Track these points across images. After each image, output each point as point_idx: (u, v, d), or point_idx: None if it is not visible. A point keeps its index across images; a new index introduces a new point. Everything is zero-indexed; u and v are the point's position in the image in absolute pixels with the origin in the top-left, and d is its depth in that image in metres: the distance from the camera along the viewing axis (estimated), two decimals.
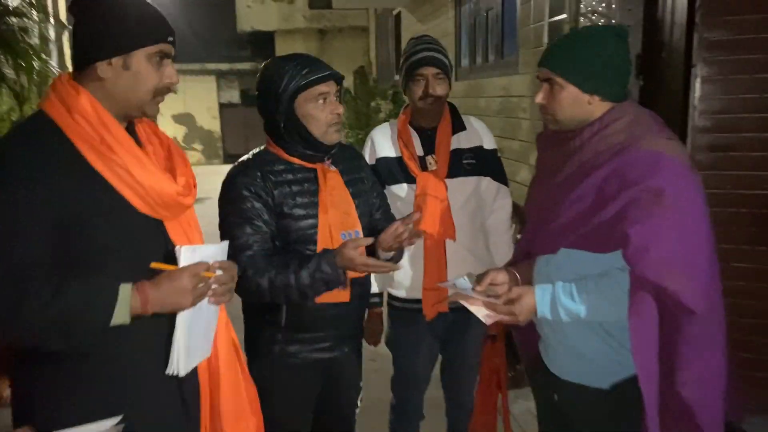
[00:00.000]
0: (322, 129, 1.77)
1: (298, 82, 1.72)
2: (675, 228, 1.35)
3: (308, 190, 1.79)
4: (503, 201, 2.30)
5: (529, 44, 4.19)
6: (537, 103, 1.58)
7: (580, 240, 1.48)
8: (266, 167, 1.78)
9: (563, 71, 1.50)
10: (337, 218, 1.80)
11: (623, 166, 1.42)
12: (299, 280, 1.69)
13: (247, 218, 1.72)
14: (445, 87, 2.16)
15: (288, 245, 1.78)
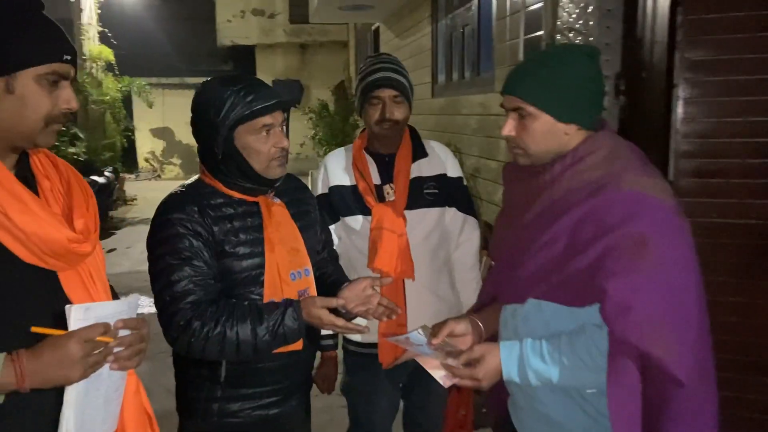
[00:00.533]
0: (263, 163, 1.56)
1: (240, 112, 1.51)
2: (660, 283, 1.17)
3: (251, 226, 1.59)
4: (470, 234, 2.10)
5: (505, 61, 4.03)
6: (505, 136, 1.38)
7: (550, 290, 1.29)
8: (203, 201, 1.57)
9: (535, 99, 1.31)
10: (285, 256, 1.60)
11: (600, 208, 1.23)
12: (257, 335, 1.48)
13: (186, 258, 1.50)
14: (403, 111, 1.97)
15: (230, 290, 1.57)
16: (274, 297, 1.56)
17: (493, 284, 1.51)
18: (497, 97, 4.44)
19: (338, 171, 2.04)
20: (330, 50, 14.05)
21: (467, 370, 1.32)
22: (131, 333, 1.17)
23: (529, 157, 1.37)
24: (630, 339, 1.15)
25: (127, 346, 1.16)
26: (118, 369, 1.17)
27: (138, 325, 1.19)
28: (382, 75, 1.94)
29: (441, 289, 2.03)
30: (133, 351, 1.18)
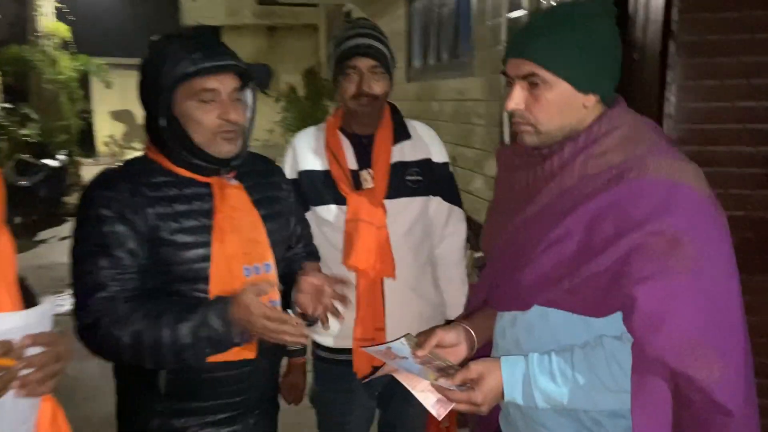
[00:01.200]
0: (205, 137, 1.33)
1: (181, 69, 1.27)
2: (699, 289, 0.97)
3: (198, 211, 1.35)
4: (456, 226, 1.88)
5: (485, 44, 3.83)
6: (511, 110, 1.15)
7: (560, 297, 1.09)
8: (139, 178, 1.34)
9: (552, 62, 1.09)
10: (238, 247, 1.35)
11: (623, 199, 1.03)
12: (176, 337, 1.25)
13: (104, 246, 1.28)
14: (384, 84, 1.72)
15: (168, 285, 1.33)
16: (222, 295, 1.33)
17: (486, 287, 1.30)
18: (474, 82, 4.25)
19: (308, 153, 1.79)
20: (300, 33, 13.67)
21: (464, 394, 1.11)
22: (43, 351, 0.93)
23: (539, 135, 1.15)
24: (665, 358, 0.96)
25: (38, 368, 0.92)
26: (27, 396, 0.93)
27: (52, 341, 0.94)
28: (359, 42, 1.69)
29: (424, 289, 1.82)
30: (46, 374, 0.94)
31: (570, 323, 1.11)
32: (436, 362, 1.18)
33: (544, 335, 1.15)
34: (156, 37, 1.36)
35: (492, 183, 3.85)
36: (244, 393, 1.42)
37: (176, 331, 1.24)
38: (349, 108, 1.73)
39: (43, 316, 0.94)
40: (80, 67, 9.85)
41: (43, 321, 0.94)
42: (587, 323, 1.09)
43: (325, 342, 1.82)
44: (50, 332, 0.95)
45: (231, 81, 1.33)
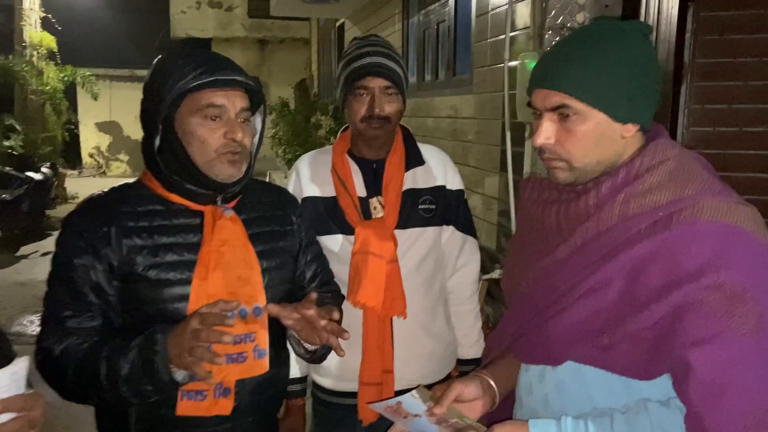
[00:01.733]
0: (207, 156, 1.22)
1: (185, 82, 1.18)
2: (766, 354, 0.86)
3: (185, 244, 1.23)
4: (469, 257, 1.76)
5: (485, 61, 3.75)
6: (540, 146, 1.05)
7: (597, 353, 0.97)
8: (123, 206, 1.23)
9: (584, 92, 0.98)
10: (221, 286, 1.21)
11: (672, 246, 0.92)
12: (113, 370, 1.11)
13: (68, 279, 1.20)
14: (396, 105, 1.60)
15: (142, 325, 1.17)
16: None
17: (508, 335, 1.18)
18: (472, 99, 4.16)
19: (314, 179, 1.67)
20: (291, 47, 13.61)
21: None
22: (14, 418, 0.81)
23: (573, 171, 1.04)
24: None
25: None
26: None
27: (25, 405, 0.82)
28: (371, 60, 1.57)
29: (436, 326, 1.69)
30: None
31: (607, 383, 0.99)
32: (453, 420, 1.05)
33: (577, 395, 1.03)
34: (160, 55, 1.26)
35: (490, 202, 3.77)
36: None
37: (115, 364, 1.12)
38: (358, 131, 1.61)
39: (14, 377, 0.82)
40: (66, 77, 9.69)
41: (14, 382, 0.82)
42: (627, 384, 0.97)
43: (326, 384, 1.68)
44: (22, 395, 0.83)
45: (240, 100, 1.23)
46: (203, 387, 1.19)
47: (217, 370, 1.17)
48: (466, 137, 4.14)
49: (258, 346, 1.24)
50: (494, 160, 3.68)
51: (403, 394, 1.08)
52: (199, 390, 1.20)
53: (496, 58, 3.54)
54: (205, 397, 1.20)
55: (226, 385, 1.21)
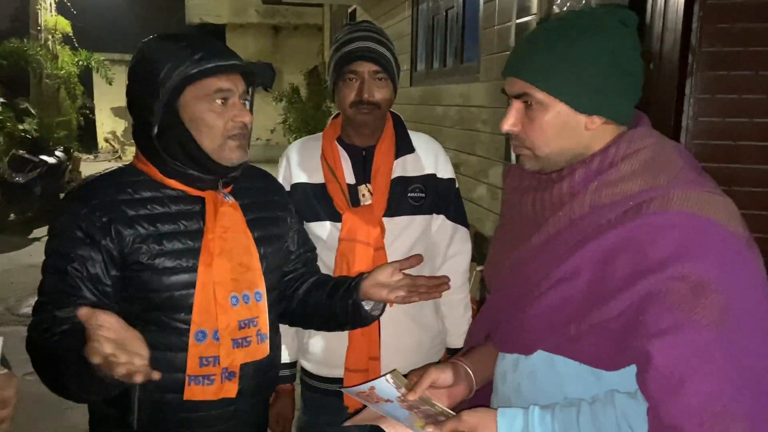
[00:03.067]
0: (216, 141, 1.21)
1: (186, 69, 1.17)
2: (728, 347, 0.84)
3: (186, 231, 1.23)
4: (460, 247, 1.75)
5: (492, 48, 3.70)
6: (507, 132, 1.04)
7: (567, 343, 0.96)
8: (121, 193, 1.21)
9: (545, 81, 0.98)
10: (226, 273, 1.23)
11: (640, 236, 0.90)
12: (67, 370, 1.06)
13: (60, 269, 1.18)
14: (386, 91, 1.58)
15: (146, 313, 1.21)
16: (204, 326, 1.21)
17: (488, 322, 1.17)
18: (480, 87, 4.11)
19: (303, 165, 1.66)
20: (304, 33, 13.59)
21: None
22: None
23: (538, 160, 1.03)
24: (684, 428, 0.83)
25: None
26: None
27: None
28: (360, 45, 1.55)
29: (424, 316, 1.68)
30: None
31: (578, 373, 0.98)
32: (424, 407, 1.05)
33: (548, 384, 1.02)
34: (148, 39, 1.24)
35: (496, 192, 3.74)
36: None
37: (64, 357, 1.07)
38: (348, 116, 1.60)
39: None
40: (81, 62, 9.75)
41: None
42: (597, 375, 0.96)
43: (314, 370, 1.69)
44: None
45: (241, 83, 1.24)
46: (211, 371, 1.21)
47: (224, 354, 1.21)
48: (474, 126, 4.11)
49: (260, 330, 1.27)
50: (500, 150, 3.65)
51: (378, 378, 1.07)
52: (207, 375, 1.22)
53: (503, 45, 3.49)
54: (212, 382, 1.22)
55: (231, 369, 1.23)
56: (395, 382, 1.06)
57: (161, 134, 1.20)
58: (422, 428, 1.01)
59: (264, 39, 14.03)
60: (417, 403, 1.05)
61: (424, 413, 1.04)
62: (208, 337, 1.21)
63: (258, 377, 1.30)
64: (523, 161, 1.06)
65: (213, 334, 1.21)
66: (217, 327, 1.21)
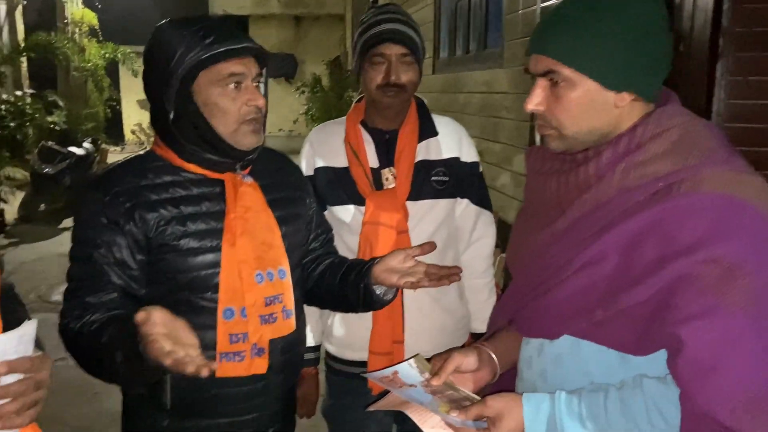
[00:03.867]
0: (231, 126, 1.22)
1: (198, 54, 1.17)
2: (761, 332, 0.82)
3: (209, 212, 1.25)
4: (484, 231, 1.73)
5: (517, 33, 3.66)
6: (531, 111, 1.02)
7: (593, 328, 0.95)
8: (142, 179, 1.23)
9: (572, 58, 0.95)
10: (250, 252, 1.25)
11: (670, 218, 0.88)
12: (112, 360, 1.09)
13: (87, 256, 1.20)
14: (412, 74, 1.57)
15: (173, 293, 1.23)
16: (231, 304, 1.23)
17: (511, 307, 1.16)
18: (503, 74, 4.06)
19: (326, 149, 1.66)
20: (326, 24, 13.59)
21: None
22: (21, 379, 0.84)
23: (564, 139, 1.01)
24: (716, 414, 0.81)
25: (14, 398, 0.83)
26: (3, 429, 0.83)
27: (32, 367, 0.85)
28: (387, 27, 1.54)
29: (448, 299, 1.67)
30: (24, 404, 0.85)
31: (604, 358, 0.97)
32: (448, 392, 1.04)
33: (574, 369, 1.01)
34: (160, 24, 1.25)
35: (520, 180, 3.70)
36: (256, 410, 1.32)
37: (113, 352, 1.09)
38: (373, 99, 1.60)
39: (22, 339, 0.85)
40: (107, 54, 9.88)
41: (22, 344, 0.84)
42: (625, 359, 0.95)
43: (338, 353, 1.70)
44: (30, 357, 0.85)
45: (254, 66, 1.24)
46: (241, 348, 1.24)
47: (253, 330, 1.23)
48: (497, 113, 4.07)
49: (285, 306, 1.29)
50: (524, 137, 3.61)
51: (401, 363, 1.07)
52: (237, 351, 1.24)
53: (528, 29, 3.45)
54: (243, 358, 1.24)
55: (260, 345, 1.25)
56: (419, 366, 1.06)
57: (177, 120, 1.21)
58: (447, 412, 1.01)
59: (286, 30, 14.07)
60: (441, 388, 1.04)
61: (448, 398, 1.03)
62: (236, 315, 1.23)
63: (286, 353, 1.32)
64: (548, 142, 1.03)
65: (240, 311, 1.23)
66: (244, 304, 1.23)
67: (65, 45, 8.70)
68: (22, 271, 5.43)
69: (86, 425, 3.06)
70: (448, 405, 1.02)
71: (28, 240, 6.39)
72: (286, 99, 12.99)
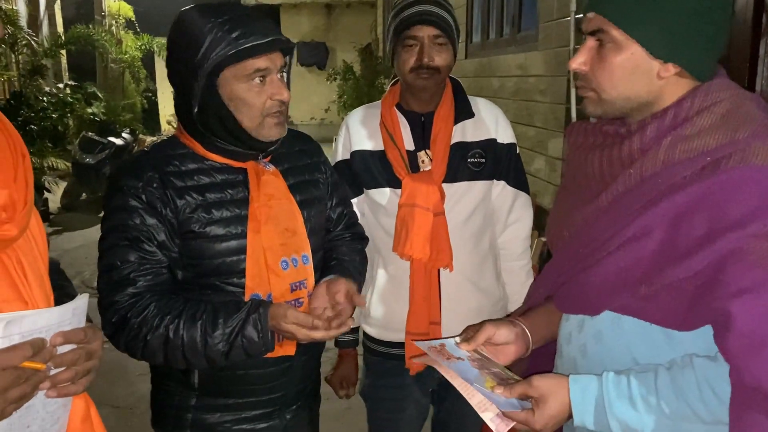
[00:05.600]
0: (255, 120, 1.23)
1: (224, 50, 1.16)
2: None
3: (233, 200, 1.27)
4: (521, 213, 1.73)
5: (552, 14, 3.60)
6: (574, 70, 1.01)
7: (637, 304, 0.94)
8: (168, 166, 1.25)
9: (622, 18, 0.94)
10: (275, 239, 1.27)
11: (718, 193, 0.87)
12: (209, 343, 1.18)
13: (133, 240, 1.21)
14: (446, 56, 1.57)
15: (201, 278, 1.26)
16: (258, 290, 1.25)
17: (550, 283, 1.15)
18: (538, 56, 3.99)
19: (362, 132, 1.67)
20: (357, 11, 13.53)
21: (522, 414, 0.97)
22: (74, 349, 0.87)
23: (601, 103, 1.00)
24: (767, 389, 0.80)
25: (69, 367, 0.86)
26: (58, 396, 0.87)
27: (85, 338, 0.88)
28: (420, 9, 1.54)
29: (485, 281, 1.68)
30: (78, 372, 0.88)
31: (647, 334, 0.96)
32: (495, 369, 1.05)
33: (615, 345, 1.00)
34: (185, 11, 1.23)
35: (555, 164, 3.66)
36: (282, 389, 1.36)
37: (210, 339, 1.18)
38: (407, 82, 1.60)
39: (76, 313, 0.88)
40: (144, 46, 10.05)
41: (76, 316, 0.88)
42: (668, 335, 0.94)
43: (376, 334, 1.72)
44: (83, 328, 0.89)
45: (279, 59, 1.23)
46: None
47: None
48: (532, 97, 4.02)
49: (309, 291, 1.31)
50: (559, 120, 3.56)
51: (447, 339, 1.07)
52: None
53: (563, 10, 3.39)
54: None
55: None
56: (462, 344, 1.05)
57: (201, 112, 1.21)
58: (491, 389, 1.02)
59: (317, 17, 14.06)
60: (488, 365, 1.04)
61: (494, 375, 1.03)
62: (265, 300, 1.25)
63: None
64: (586, 105, 1.03)
65: (267, 297, 1.25)
66: (270, 290, 1.25)
67: (103, 37, 8.90)
68: (66, 258, 5.61)
69: (130, 405, 3.16)
70: (494, 381, 1.02)
71: (71, 228, 6.58)
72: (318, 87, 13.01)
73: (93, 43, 8.46)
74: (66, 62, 9.51)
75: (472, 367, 1.05)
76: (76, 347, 0.88)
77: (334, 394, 1.79)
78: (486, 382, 1.03)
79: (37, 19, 8.80)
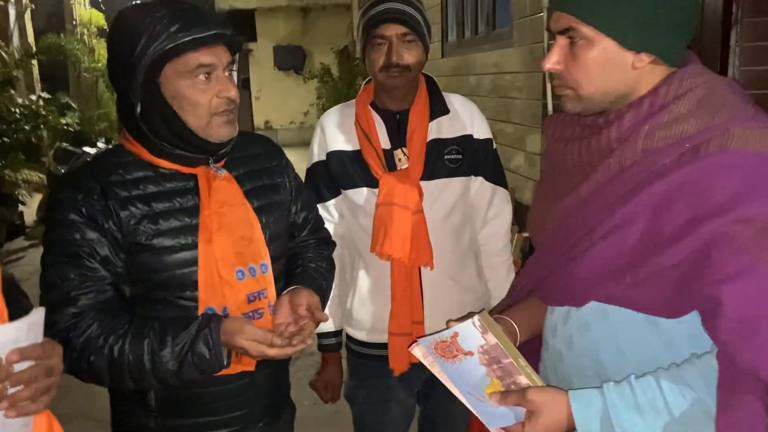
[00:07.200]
0: (203, 119, 1.16)
1: (162, 44, 1.09)
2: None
3: (182, 209, 1.19)
4: (500, 208, 1.72)
5: (525, 11, 3.61)
6: (548, 70, 1.00)
7: (622, 293, 0.93)
8: (111, 175, 1.17)
9: (590, 14, 0.93)
10: (229, 248, 1.19)
11: (699, 178, 0.86)
12: (158, 362, 1.11)
13: (72, 256, 1.13)
14: (416, 53, 1.55)
15: (151, 293, 1.18)
16: (212, 303, 1.18)
17: (534, 277, 1.15)
18: (513, 53, 4.01)
19: (337, 133, 1.65)
20: (332, 13, 13.53)
21: (513, 428, 0.96)
22: (33, 365, 0.83)
23: (580, 100, 0.99)
24: (760, 372, 0.80)
25: (27, 385, 0.83)
26: (17, 417, 0.83)
27: (43, 353, 0.84)
28: (387, 7, 1.52)
29: (466, 278, 1.67)
30: (37, 390, 0.84)
31: (633, 323, 0.95)
32: (506, 360, 0.95)
33: (601, 335, 1.00)
34: (124, 8, 1.17)
35: (534, 160, 3.67)
36: (245, 406, 1.28)
37: (158, 357, 1.11)
38: (378, 81, 1.58)
39: (32, 327, 0.84)
40: None
41: (32, 331, 0.84)
42: (654, 323, 0.93)
43: (359, 336, 1.69)
44: (40, 343, 0.85)
45: (224, 54, 1.16)
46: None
47: None
48: (509, 94, 4.03)
49: (270, 302, 1.24)
50: (537, 116, 3.57)
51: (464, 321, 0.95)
52: None
53: (536, 6, 3.40)
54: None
55: None
56: (482, 325, 0.94)
57: (144, 113, 1.14)
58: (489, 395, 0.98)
59: (293, 21, 14.04)
60: (500, 354, 0.95)
61: (503, 371, 0.97)
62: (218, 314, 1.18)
63: None
64: (564, 103, 1.02)
65: (222, 310, 1.18)
66: (225, 303, 1.18)
67: (75, 46, 8.76)
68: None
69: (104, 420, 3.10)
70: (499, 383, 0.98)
71: None
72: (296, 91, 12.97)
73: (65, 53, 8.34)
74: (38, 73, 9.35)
75: (479, 364, 0.97)
76: (35, 364, 0.84)
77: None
78: (486, 387, 0.99)
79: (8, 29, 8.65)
